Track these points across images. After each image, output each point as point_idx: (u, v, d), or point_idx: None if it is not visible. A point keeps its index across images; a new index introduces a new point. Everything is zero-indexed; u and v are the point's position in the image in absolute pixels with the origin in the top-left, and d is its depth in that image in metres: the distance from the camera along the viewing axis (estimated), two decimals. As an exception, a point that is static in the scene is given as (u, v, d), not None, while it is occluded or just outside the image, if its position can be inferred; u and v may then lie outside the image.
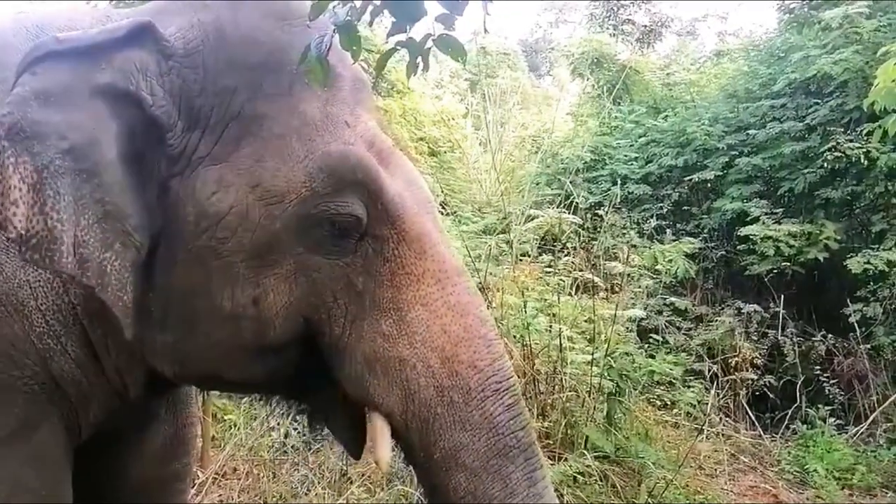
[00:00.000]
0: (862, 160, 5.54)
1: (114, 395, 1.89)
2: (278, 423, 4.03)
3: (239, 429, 3.99)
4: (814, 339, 5.51)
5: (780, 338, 5.51)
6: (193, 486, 3.48)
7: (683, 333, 5.52)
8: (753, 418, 5.15)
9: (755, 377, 5.21)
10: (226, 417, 4.12)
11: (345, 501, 3.54)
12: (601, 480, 3.68)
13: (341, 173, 1.63)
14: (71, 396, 1.82)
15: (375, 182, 1.65)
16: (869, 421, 4.99)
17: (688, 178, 6.91)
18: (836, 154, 5.68)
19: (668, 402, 4.70)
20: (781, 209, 6.14)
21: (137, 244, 1.62)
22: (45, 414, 1.79)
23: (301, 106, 1.65)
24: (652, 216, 6.63)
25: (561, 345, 3.92)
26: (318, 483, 3.65)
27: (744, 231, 5.97)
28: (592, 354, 3.98)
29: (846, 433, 4.93)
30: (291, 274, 1.63)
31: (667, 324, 5.52)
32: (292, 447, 3.91)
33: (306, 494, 3.63)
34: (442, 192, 7.13)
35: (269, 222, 1.61)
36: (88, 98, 1.57)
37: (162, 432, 2.25)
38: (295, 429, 4.05)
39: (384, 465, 1.70)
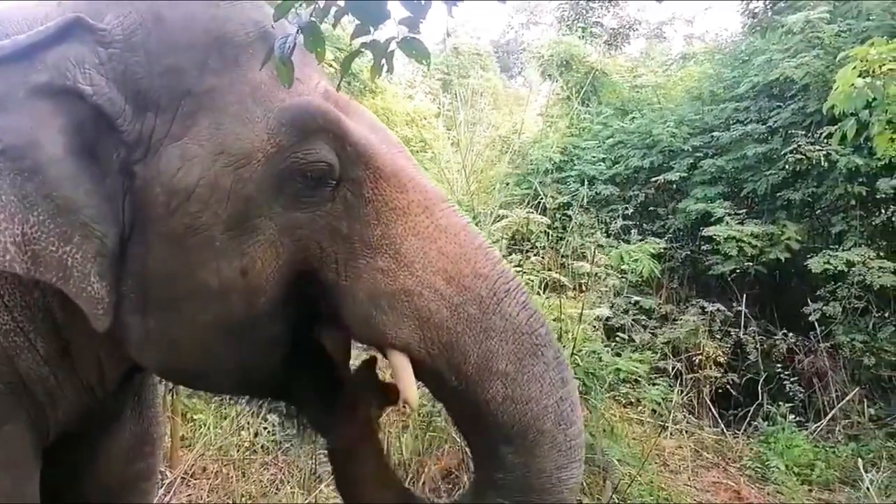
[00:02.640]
0: (822, 162, 5.67)
1: (83, 393, 1.88)
2: (248, 423, 4.03)
3: (209, 428, 3.98)
4: (775, 337, 5.62)
5: (742, 336, 5.61)
6: (163, 486, 3.47)
7: (649, 332, 5.59)
8: (717, 415, 5.23)
9: (718, 375, 5.31)
10: (195, 417, 4.10)
11: (314, 500, 3.55)
12: (568, 477, 3.72)
13: (303, 122, 1.64)
14: (38, 395, 1.81)
15: (338, 125, 1.66)
16: (828, 418, 5.10)
17: (654, 179, 7.00)
18: (797, 156, 5.80)
19: (634, 400, 4.76)
20: (744, 210, 6.26)
21: (99, 234, 1.61)
22: (12, 413, 1.78)
23: (250, 73, 1.66)
24: (619, 216, 6.72)
25: (528, 343, 3.95)
26: (288, 482, 3.66)
27: (708, 231, 6.07)
28: (559, 353, 4.02)
29: (806, 430, 5.03)
30: (275, 237, 1.62)
31: (633, 322, 5.58)
32: (262, 447, 3.91)
33: (276, 494, 3.63)
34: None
35: (241, 186, 1.61)
36: (25, 100, 1.58)
37: (128, 431, 2.24)
38: (265, 428, 4.05)
39: (413, 402, 1.68)
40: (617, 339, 5.09)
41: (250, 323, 1.66)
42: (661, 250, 6.04)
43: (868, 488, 4.19)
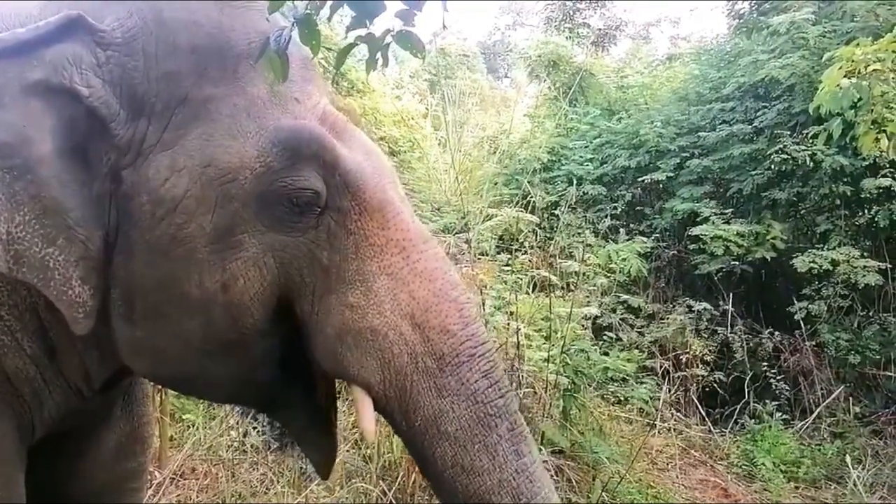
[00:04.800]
0: (807, 162, 5.70)
1: (70, 393, 1.86)
2: (237, 423, 4.00)
3: (197, 428, 3.94)
4: (761, 336, 5.64)
5: (729, 335, 5.63)
6: (151, 487, 3.43)
7: (636, 331, 5.60)
8: (704, 413, 5.24)
9: (705, 373, 5.31)
10: (184, 417, 4.07)
11: (304, 500, 3.53)
12: (557, 475, 3.73)
13: (295, 146, 1.61)
14: (25, 395, 1.79)
15: (331, 154, 1.64)
16: (814, 416, 5.12)
17: (641, 178, 7.01)
18: (782, 156, 5.83)
19: (622, 398, 4.78)
20: (730, 210, 6.29)
21: (82, 238, 1.60)
22: None
23: (248, 86, 1.64)
24: (606, 216, 6.73)
25: (518, 342, 3.96)
26: (278, 482, 3.63)
27: (694, 231, 6.09)
28: (549, 351, 4.03)
29: (792, 428, 5.06)
30: (259, 256, 1.61)
31: (620, 321, 5.60)
32: (251, 446, 3.88)
33: (265, 493, 3.61)
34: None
35: (227, 201, 1.59)
36: (19, 96, 1.55)
37: (118, 430, 2.23)
38: (254, 428, 4.03)
39: (370, 435, 1.69)
40: (605, 337, 5.11)
41: (238, 339, 1.65)
42: (649, 250, 6.08)
43: (855, 484, 4.22)
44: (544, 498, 1.62)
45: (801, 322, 5.48)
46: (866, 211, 5.79)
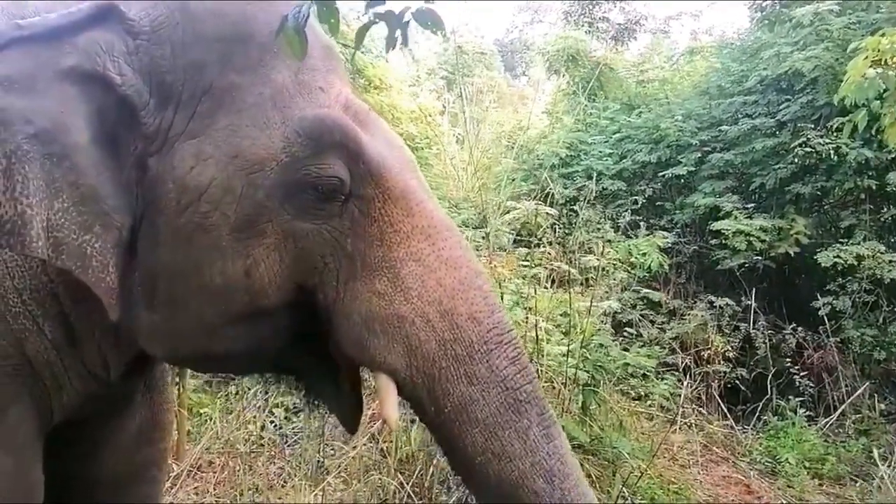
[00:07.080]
0: (832, 156, 5.63)
1: (90, 379, 1.87)
2: (254, 417, 4.01)
3: (214, 422, 3.96)
4: (784, 332, 5.57)
5: (751, 331, 5.58)
6: (168, 480, 3.44)
7: (657, 326, 5.56)
8: (726, 410, 5.20)
9: (727, 369, 5.27)
10: (201, 411, 4.09)
11: (321, 493, 3.52)
12: (577, 471, 3.69)
13: (319, 135, 1.62)
14: (45, 379, 1.81)
15: (355, 142, 1.64)
16: (838, 412, 5.06)
17: (661, 173, 6.97)
18: (806, 150, 5.75)
19: (643, 394, 4.73)
20: (753, 204, 6.22)
21: (118, 225, 1.61)
22: (17, 397, 1.78)
23: (273, 75, 1.64)
24: (626, 211, 6.67)
25: (537, 336, 3.94)
26: (295, 475, 3.63)
27: (716, 226, 6.04)
28: (568, 346, 4.00)
29: (816, 424, 5.00)
30: (280, 242, 1.61)
31: (641, 317, 5.56)
32: (268, 440, 3.90)
33: (283, 487, 3.61)
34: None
35: (252, 191, 1.59)
36: (54, 82, 1.56)
37: (137, 417, 2.23)
38: (271, 422, 4.04)
39: (393, 423, 1.68)
40: (625, 333, 5.07)
41: (255, 318, 1.65)
42: (669, 245, 6.01)
43: (883, 478, 4.14)
44: (576, 479, 1.63)
45: (825, 318, 5.42)
46: (892, 205, 5.72)
